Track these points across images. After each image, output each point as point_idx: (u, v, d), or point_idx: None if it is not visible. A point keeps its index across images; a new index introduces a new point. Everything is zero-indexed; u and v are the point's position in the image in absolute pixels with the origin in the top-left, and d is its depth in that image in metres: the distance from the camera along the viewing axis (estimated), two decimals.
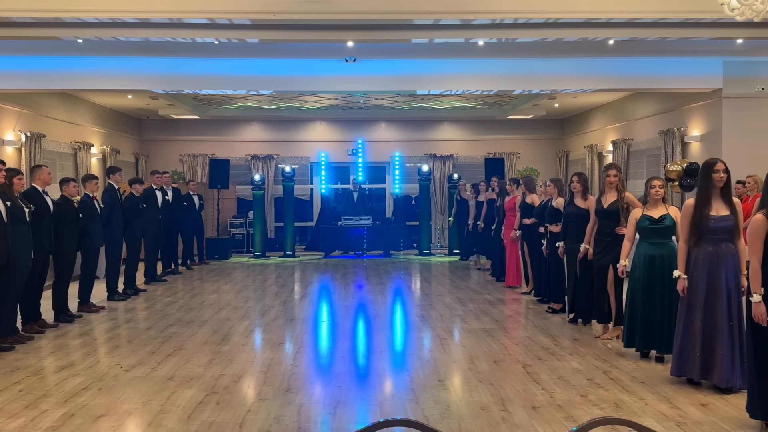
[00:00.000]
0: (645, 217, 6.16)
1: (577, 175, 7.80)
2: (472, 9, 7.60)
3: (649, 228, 6.12)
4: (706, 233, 5.21)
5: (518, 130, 17.79)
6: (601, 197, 7.15)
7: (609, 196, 7.06)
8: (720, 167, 5.21)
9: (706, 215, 5.18)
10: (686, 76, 10.61)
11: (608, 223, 6.99)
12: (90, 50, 9.76)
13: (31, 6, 7.38)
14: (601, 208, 7.05)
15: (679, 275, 5.36)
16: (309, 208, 17.78)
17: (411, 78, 11.14)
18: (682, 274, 5.34)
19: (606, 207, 7.01)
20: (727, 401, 5.06)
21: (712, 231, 5.19)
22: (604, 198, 7.10)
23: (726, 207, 5.23)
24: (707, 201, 5.21)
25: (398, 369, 6.16)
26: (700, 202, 5.22)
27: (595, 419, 2.00)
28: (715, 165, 5.24)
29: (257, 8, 7.58)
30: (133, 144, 16.82)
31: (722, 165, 5.24)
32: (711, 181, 5.22)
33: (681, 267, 5.37)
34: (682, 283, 5.34)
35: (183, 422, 4.71)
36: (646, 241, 6.15)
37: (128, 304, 9.51)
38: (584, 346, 6.86)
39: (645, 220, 6.15)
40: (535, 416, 4.80)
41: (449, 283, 11.64)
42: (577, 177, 7.76)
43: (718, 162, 5.27)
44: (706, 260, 5.23)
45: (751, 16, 5.45)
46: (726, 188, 5.27)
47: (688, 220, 5.27)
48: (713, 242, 5.22)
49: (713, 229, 5.19)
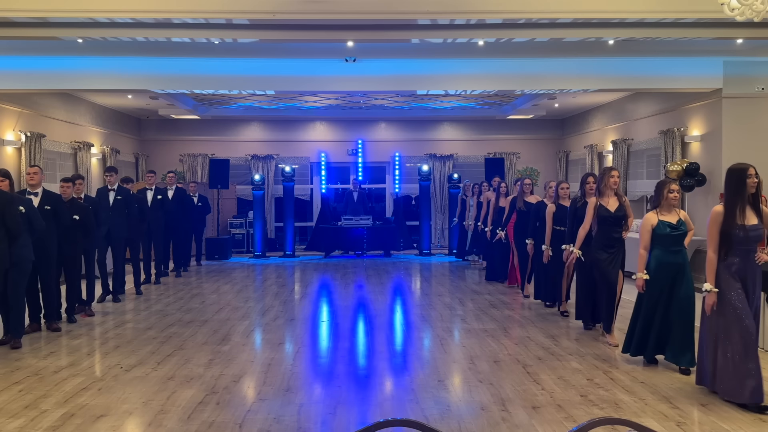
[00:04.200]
0: (664, 224, 5.81)
1: (593, 176, 7.55)
2: (472, 9, 7.60)
3: (671, 235, 5.80)
4: (737, 243, 4.92)
5: (518, 130, 17.78)
6: (602, 200, 6.85)
7: (611, 200, 6.83)
8: (752, 172, 4.94)
9: (739, 225, 4.89)
10: (686, 76, 10.59)
11: (616, 229, 6.80)
12: (90, 50, 9.76)
13: (31, 6, 7.38)
14: (609, 213, 6.78)
15: (710, 289, 4.98)
16: (309, 208, 17.78)
17: (411, 78, 11.13)
18: (713, 287, 4.97)
19: (614, 212, 6.78)
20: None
21: (744, 241, 4.91)
22: (604, 201, 6.84)
23: (755, 215, 4.97)
24: (741, 209, 4.91)
25: (398, 369, 6.16)
26: (732, 210, 4.92)
27: (595, 419, 2.00)
28: (747, 170, 4.94)
29: (257, 8, 7.58)
30: (133, 144, 16.81)
31: (753, 170, 4.97)
32: (745, 187, 4.92)
33: (711, 280, 4.98)
34: (712, 298, 4.98)
35: (183, 422, 4.71)
36: (664, 249, 5.81)
37: (128, 305, 9.51)
38: (584, 346, 6.86)
39: (665, 226, 5.80)
40: (535, 416, 4.80)
41: (449, 283, 11.64)
42: (593, 178, 7.49)
43: (750, 167, 4.98)
44: (738, 274, 4.95)
45: (751, 16, 5.45)
46: (756, 194, 5.01)
47: (718, 229, 4.95)
48: (743, 254, 4.95)
49: (745, 239, 4.91)
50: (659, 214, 5.88)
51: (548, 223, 8.34)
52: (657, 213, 5.89)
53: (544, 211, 8.57)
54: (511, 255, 10.49)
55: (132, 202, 9.90)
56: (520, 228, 9.69)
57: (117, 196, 9.64)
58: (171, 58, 10.37)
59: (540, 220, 8.77)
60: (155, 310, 9.10)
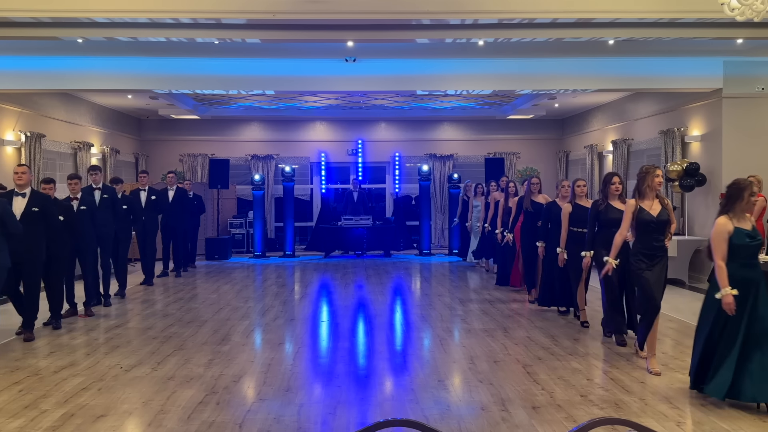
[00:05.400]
0: (742, 233, 4.94)
1: (618, 176, 7.00)
2: (472, 9, 7.60)
3: (751, 246, 4.98)
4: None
5: (518, 130, 17.79)
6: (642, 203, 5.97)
7: (653, 203, 6.03)
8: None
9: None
10: (686, 76, 10.60)
11: (658, 236, 6.01)
12: (90, 50, 9.76)
13: (31, 6, 7.38)
14: (652, 218, 5.89)
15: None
16: (309, 208, 17.78)
17: (411, 78, 11.13)
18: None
19: (656, 216, 5.92)
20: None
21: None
22: (646, 204, 5.97)
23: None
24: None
25: (398, 369, 6.16)
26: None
27: (595, 419, 2.00)
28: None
29: (257, 8, 7.58)
30: (133, 144, 16.81)
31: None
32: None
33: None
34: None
35: (183, 422, 4.71)
36: (740, 262, 4.96)
37: (128, 305, 9.51)
38: (584, 346, 6.86)
39: (743, 236, 4.93)
40: (535, 416, 4.80)
41: (449, 283, 11.64)
42: (619, 178, 6.98)
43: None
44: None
45: (751, 16, 5.45)
46: None
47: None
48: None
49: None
50: (734, 220, 4.99)
51: (564, 224, 7.66)
52: (731, 219, 4.99)
53: (557, 212, 7.99)
54: (516, 257, 10.07)
55: (119, 201, 9.64)
56: (527, 229, 9.23)
57: (103, 195, 9.29)
58: (171, 58, 10.38)
59: (553, 222, 8.14)
60: (155, 310, 9.10)
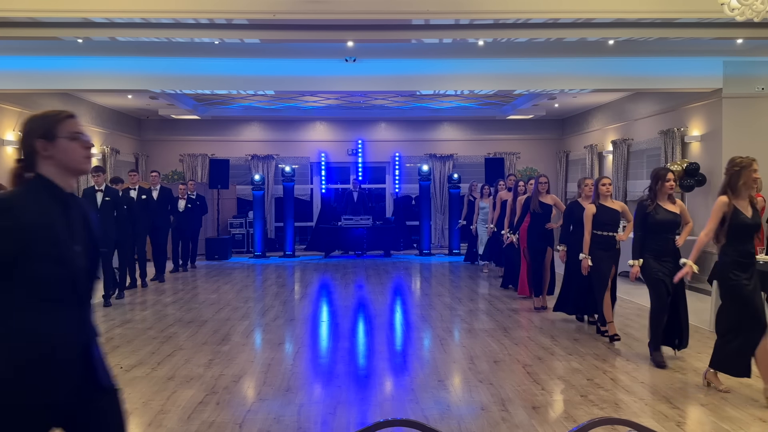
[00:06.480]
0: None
1: (672, 172, 6.54)
2: (472, 9, 7.60)
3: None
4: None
5: (518, 130, 17.79)
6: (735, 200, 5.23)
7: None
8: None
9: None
10: (686, 76, 10.60)
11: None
12: (90, 50, 9.76)
13: (31, 6, 7.38)
14: (749, 220, 5.18)
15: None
16: (309, 208, 17.78)
17: (411, 78, 11.14)
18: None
19: (751, 218, 5.23)
20: (727, 401, 5.06)
21: None
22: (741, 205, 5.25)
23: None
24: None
25: (398, 369, 6.16)
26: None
27: (595, 419, 2.00)
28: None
29: (257, 8, 7.58)
30: (133, 144, 16.81)
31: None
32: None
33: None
34: None
35: (183, 422, 4.71)
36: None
37: (128, 305, 9.51)
38: (584, 346, 6.86)
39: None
40: (535, 416, 4.80)
41: (449, 283, 11.64)
42: (673, 174, 6.53)
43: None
44: None
45: (751, 16, 5.45)
46: None
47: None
48: None
49: None
50: None
51: (587, 227, 7.02)
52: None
53: (579, 213, 7.47)
54: (522, 262, 9.60)
55: (120, 203, 9.58)
56: (533, 231, 8.90)
57: (105, 197, 9.19)
58: (171, 58, 10.38)
59: (575, 224, 7.66)
60: (155, 310, 9.10)
